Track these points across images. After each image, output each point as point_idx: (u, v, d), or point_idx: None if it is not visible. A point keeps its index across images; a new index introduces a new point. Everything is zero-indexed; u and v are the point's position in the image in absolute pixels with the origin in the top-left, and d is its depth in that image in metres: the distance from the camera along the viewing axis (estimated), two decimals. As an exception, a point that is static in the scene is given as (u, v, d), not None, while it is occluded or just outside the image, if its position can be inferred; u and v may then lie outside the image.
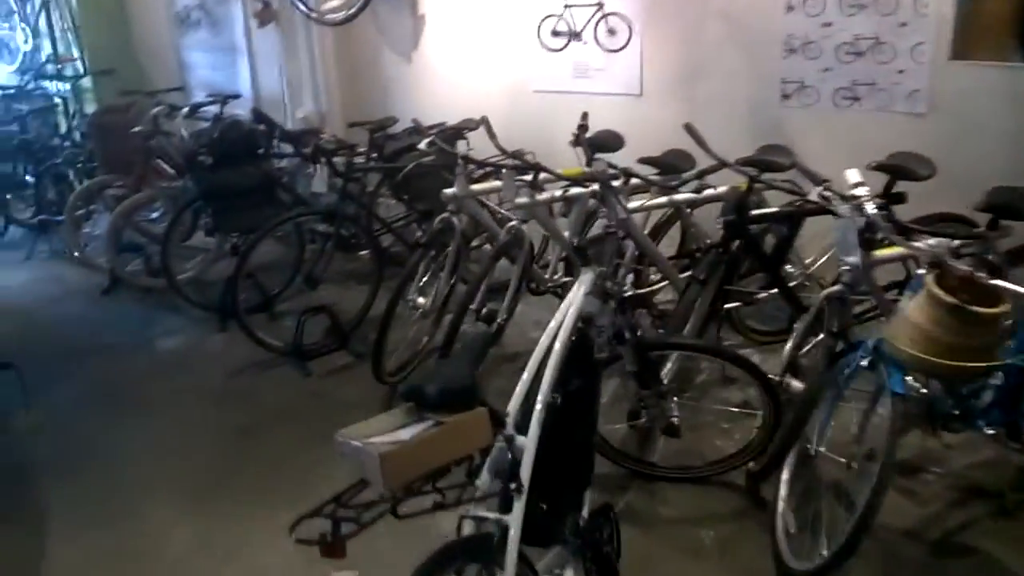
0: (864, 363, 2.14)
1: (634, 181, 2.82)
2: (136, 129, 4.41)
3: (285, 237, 4.38)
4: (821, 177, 2.40)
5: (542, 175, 3.00)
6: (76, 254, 4.99)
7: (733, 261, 2.82)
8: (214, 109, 5.16)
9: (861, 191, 2.16)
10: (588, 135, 3.30)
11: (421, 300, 3.34)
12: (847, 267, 2.38)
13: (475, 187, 3.28)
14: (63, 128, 6.25)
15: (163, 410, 3.41)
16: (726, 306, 3.03)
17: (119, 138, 4.48)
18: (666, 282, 3.40)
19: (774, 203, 3.08)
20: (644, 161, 3.19)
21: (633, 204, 2.98)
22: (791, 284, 3.12)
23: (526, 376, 1.84)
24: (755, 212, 2.77)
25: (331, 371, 3.60)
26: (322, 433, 1.74)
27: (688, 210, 3.34)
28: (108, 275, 4.72)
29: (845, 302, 2.44)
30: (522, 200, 3.01)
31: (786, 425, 2.36)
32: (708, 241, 3.41)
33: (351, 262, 4.51)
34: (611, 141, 3.38)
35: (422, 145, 3.33)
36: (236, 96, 5.43)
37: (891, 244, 2.29)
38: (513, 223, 3.07)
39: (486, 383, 3.27)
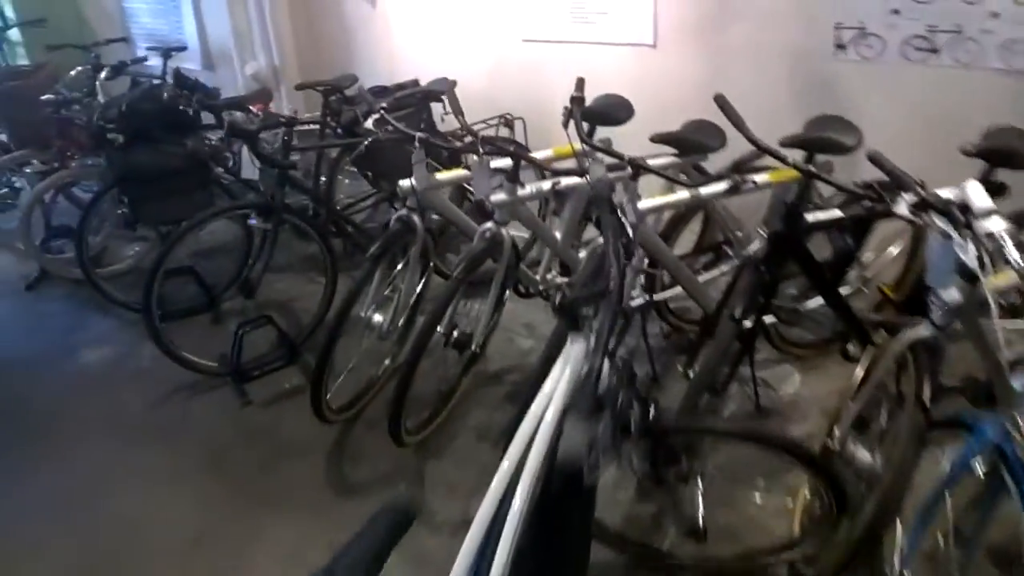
0: (978, 464, 1.48)
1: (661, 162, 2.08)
2: (45, 97, 3.67)
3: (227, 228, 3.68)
4: (912, 180, 1.67)
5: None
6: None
7: (775, 279, 2.12)
8: (154, 66, 4.41)
9: (994, 225, 1.41)
10: (587, 104, 2.55)
11: (377, 318, 2.66)
12: (942, 303, 1.67)
13: (440, 176, 2.55)
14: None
15: (68, 448, 2.78)
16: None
17: (27, 107, 3.73)
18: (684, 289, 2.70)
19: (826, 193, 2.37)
20: (659, 139, 2.45)
21: (647, 204, 2.25)
22: (846, 294, 2.42)
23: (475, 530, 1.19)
24: (811, 218, 2.04)
25: (275, 397, 2.94)
26: (252, 493, 1.63)
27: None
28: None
29: (937, 352, 1.75)
30: (498, 198, 2.30)
31: (862, 523, 1.70)
32: (738, 234, 2.71)
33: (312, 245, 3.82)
34: (616, 110, 2.60)
35: (369, 123, 2.58)
36: (182, 48, 4.66)
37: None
38: (489, 226, 2.37)
39: (461, 419, 2.64)
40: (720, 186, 2.24)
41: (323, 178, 3.78)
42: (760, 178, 2.27)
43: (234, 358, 2.99)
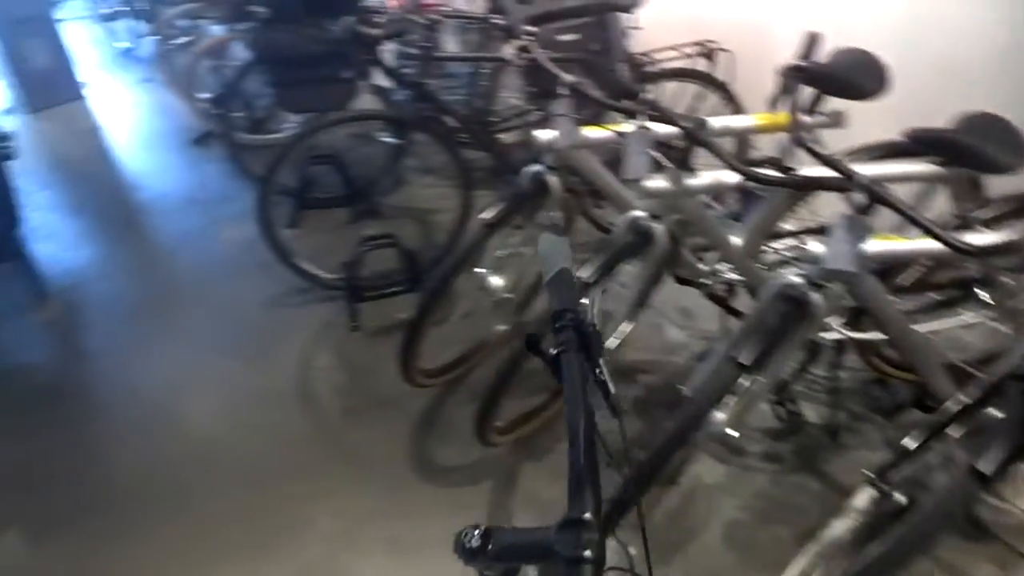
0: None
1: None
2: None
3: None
4: None
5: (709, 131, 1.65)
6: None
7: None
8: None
9: None
10: (819, 60, 1.82)
11: (495, 280, 2.25)
12: None
13: (591, 133, 1.98)
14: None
15: (172, 333, 2.78)
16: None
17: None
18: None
19: None
20: (917, 137, 1.68)
21: (880, 247, 1.54)
22: None
23: None
24: None
25: (384, 328, 2.69)
26: (327, 441, 1.51)
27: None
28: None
29: None
30: (657, 185, 1.72)
31: None
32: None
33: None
34: (859, 76, 1.80)
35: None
36: None
37: None
38: (638, 215, 1.81)
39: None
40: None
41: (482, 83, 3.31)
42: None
43: (351, 274, 2.75)
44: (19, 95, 5.11)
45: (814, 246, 1.48)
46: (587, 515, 0.64)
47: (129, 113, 5.03)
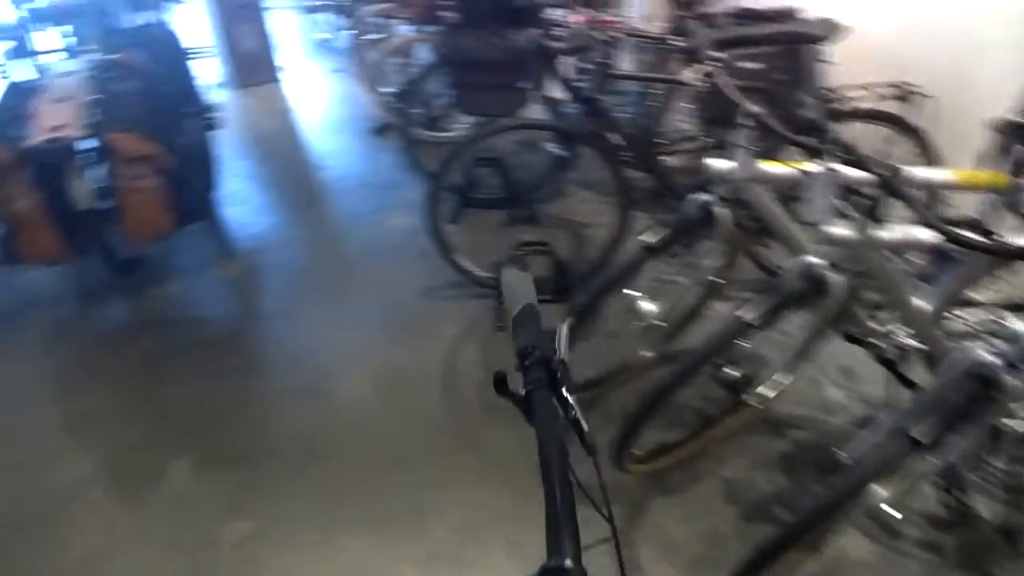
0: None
1: None
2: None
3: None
4: None
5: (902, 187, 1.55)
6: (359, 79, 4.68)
7: None
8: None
9: None
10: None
11: (647, 306, 2.23)
12: None
13: (771, 168, 1.91)
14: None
15: (340, 307, 2.99)
16: None
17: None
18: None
19: None
20: None
21: None
22: None
23: None
24: None
25: (526, 333, 2.75)
26: (460, 432, 1.44)
27: None
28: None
29: None
30: (839, 232, 1.64)
31: None
32: None
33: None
34: None
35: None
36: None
37: None
38: (813, 261, 1.73)
39: (712, 462, 2.15)
40: None
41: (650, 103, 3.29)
42: None
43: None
44: (227, 73, 5.68)
45: (1014, 322, 1.35)
46: (568, 562, 0.61)
47: (318, 98, 5.45)
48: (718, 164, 1.98)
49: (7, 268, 2.79)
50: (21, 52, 3.88)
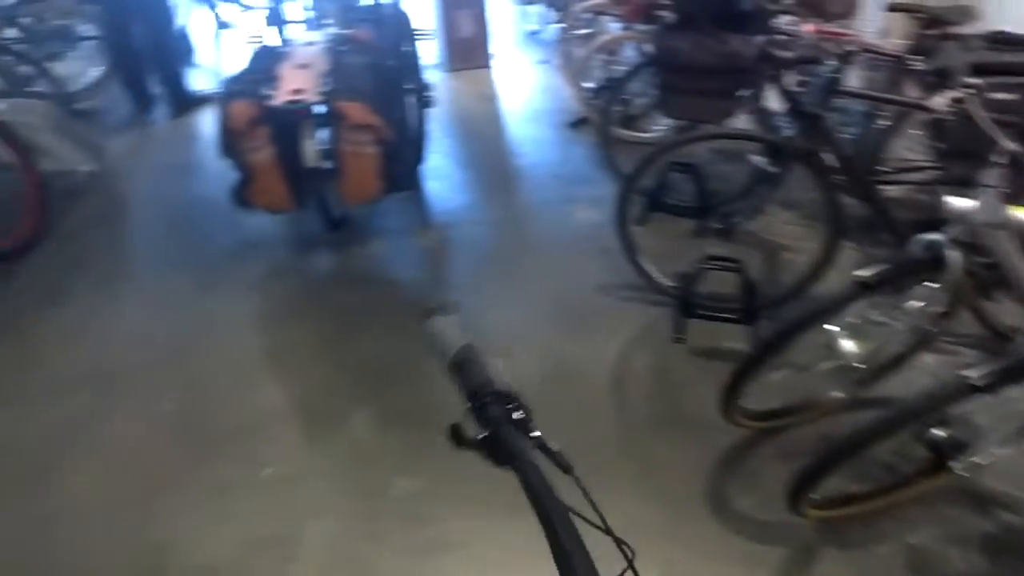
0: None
1: None
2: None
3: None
4: None
5: None
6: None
7: None
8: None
9: None
10: None
11: (847, 344, 2.06)
12: None
13: (1016, 213, 1.68)
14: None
15: (519, 289, 3.07)
16: None
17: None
18: None
19: None
20: None
21: None
22: None
23: None
24: None
25: (707, 350, 2.64)
26: (625, 441, 1.43)
27: None
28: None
29: None
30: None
31: None
32: None
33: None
34: None
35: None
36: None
37: None
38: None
39: (898, 523, 1.97)
40: None
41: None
42: None
43: (688, 287, 2.74)
44: (443, 55, 5.98)
45: None
46: None
47: (522, 87, 5.59)
48: (958, 203, 1.79)
49: (237, 210, 3.13)
50: (274, 20, 4.35)
